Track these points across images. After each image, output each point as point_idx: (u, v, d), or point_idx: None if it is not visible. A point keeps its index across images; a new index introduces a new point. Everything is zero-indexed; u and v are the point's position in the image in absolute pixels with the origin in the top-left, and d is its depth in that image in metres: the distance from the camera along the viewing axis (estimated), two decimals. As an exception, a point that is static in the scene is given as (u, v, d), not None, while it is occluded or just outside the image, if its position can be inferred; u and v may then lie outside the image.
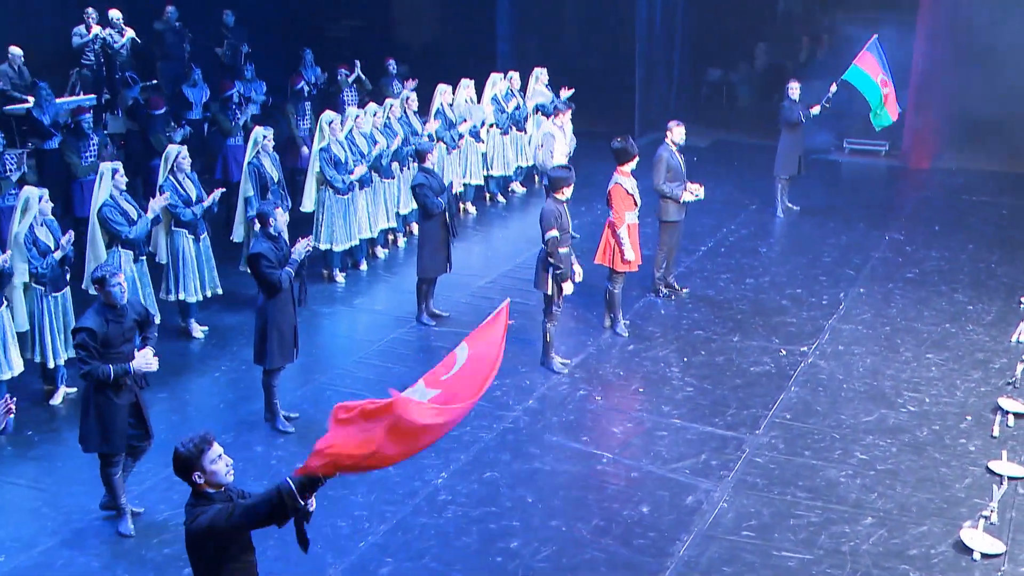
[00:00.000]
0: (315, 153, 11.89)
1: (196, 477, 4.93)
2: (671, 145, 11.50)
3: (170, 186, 10.39)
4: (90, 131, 12.23)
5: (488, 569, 7.12)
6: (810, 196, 15.57)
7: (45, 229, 9.25)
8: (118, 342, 7.30)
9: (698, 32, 20.27)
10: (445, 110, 14.01)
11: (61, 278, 9.30)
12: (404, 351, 10.62)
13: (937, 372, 10.02)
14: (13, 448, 8.85)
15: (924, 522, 7.63)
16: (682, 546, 7.36)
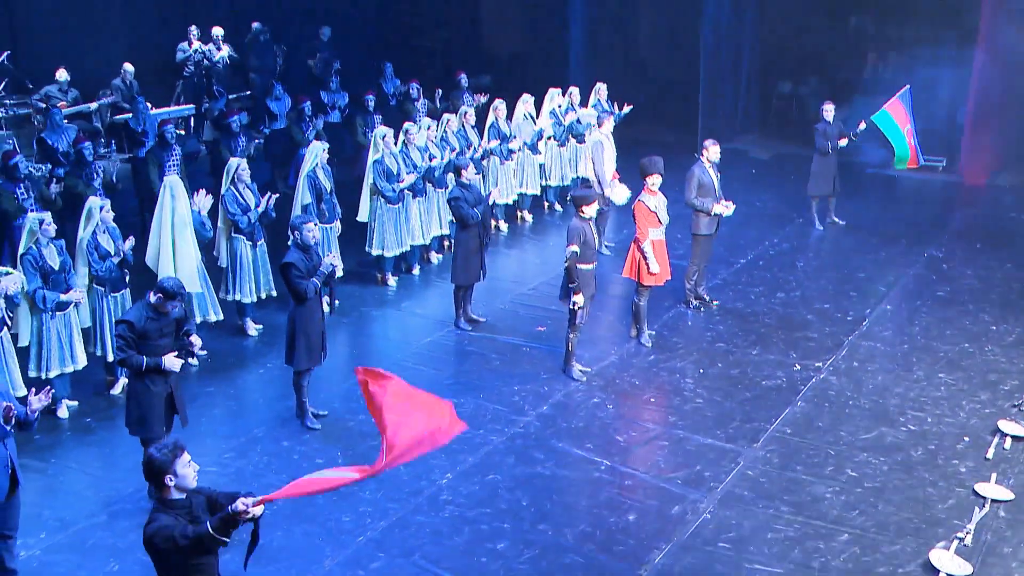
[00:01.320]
0: (369, 165, 12.23)
1: (168, 480, 5.27)
2: (705, 163, 11.54)
3: (230, 196, 10.84)
4: (172, 141, 12.76)
5: (472, 568, 7.34)
6: (859, 211, 15.38)
7: (107, 236, 9.76)
8: (156, 336, 7.75)
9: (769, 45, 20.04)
10: (499, 124, 14.22)
11: (120, 280, 9.80)
12: (437, 354, 10.90)
13: (945, 392, 9.90)
14: (72, 433, 9.37)
15: (898, 541, 7.61)
16: (659, 555, 7.48)
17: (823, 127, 14.31)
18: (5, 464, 6.76)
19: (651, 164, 10.71)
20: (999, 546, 7.56)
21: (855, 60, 20.00)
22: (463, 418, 9.12)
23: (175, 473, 5.28)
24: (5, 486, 6.79)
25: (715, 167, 11.61)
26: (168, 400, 7.89)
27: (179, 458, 5.27)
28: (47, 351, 9.23)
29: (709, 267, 12.46)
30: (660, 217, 10.63)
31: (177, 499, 5.31)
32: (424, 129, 12.99)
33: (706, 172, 11.47)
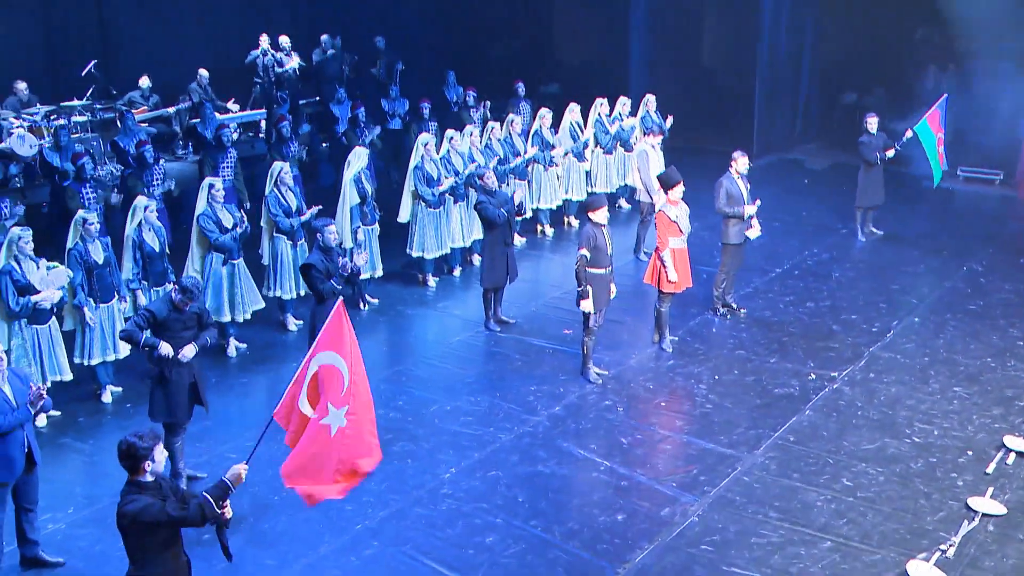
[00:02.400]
0: (410, 170, 12.45)
1: (146, 465, 5.51)
2: (733, 174, 11.48)
3: (273, 198, 11.16)
4: (228, 144, 13.16)
5: (458, 560, 7.46)
6: (908, 223, 15.11)
7: (152, 234, 10.14)
8: (178, 328, 8.10)
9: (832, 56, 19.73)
10: (543, 132, 14.30)
11: (163, 275, 10.16)
12: (464, 353, 11.05)
13: (958, 405, 9.69)
14: (112, 417, 9.78)
15: (880, 551, 7.51)
16: (640, 554, 7.51)
17: (867, 139, 14.10)
18: (22, 444, 7.09)
19: (672, 176, 10.72)
20: (982, 560, 7.40)
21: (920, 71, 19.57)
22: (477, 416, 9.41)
23: (152, 459, 5.52)
24: (22, 464, 7.13)
25: (744, 178, 11.51)
26: (191, 388, 8.18)
27: (157, 447, 5.52)
28: (90, 340, 9.62)
29: (742, 275, 12.42)
30: (681, 226, 10.62)
31: (149, 482, 5.54)
32: (467, 136, 13.15)
33: (734, 183, 11.41)
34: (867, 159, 14.03)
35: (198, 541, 7.71)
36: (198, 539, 7.73)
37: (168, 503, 5.45)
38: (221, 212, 10.56)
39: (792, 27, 18.98)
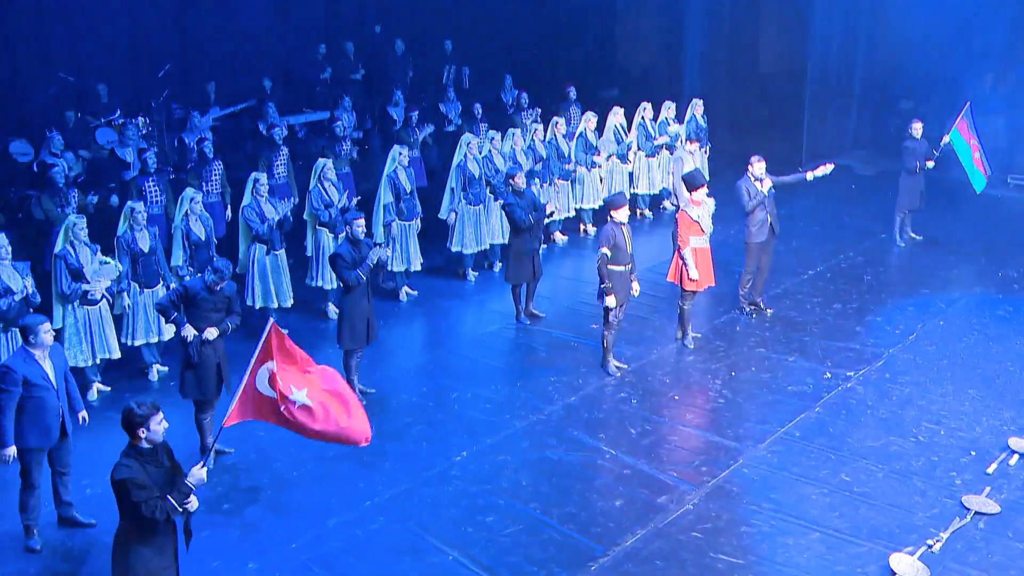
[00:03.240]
0: (452, 169, 12.70)
1: (140, 432, 5.85)
2: (751, 177, 11.48)
3: (316, 192, 11.52)
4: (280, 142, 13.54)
5: (457, 537, 7.67)
6: (948, 228, 14.87)
7: (199, 224, 10.55)
8: (209, 308, 8.47)
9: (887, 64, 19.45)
10: (587, 135, 14.44)
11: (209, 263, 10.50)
12: (492, 344, 11.27)
13: (969, 407, 9.59)
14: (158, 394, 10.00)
15: (867, 544, 7.52)
16: (632, 539, 7.63)
17: (911, 144, 13.95)
18: (57, 415, 7.50)
19: (696, 178, 10.79)
20: (967, 556, 7.37)
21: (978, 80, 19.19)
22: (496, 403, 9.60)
23: (148, 428, 5.86)
24: (57, 433, 7.54)
25: (759, 180, 11.48)
26: (218, 368, 8.53)
27: (154, 416, 5.85)
28: (134, 322, 10.06)
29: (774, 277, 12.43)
30: (703, 226, 10.67)
31: (145, 448, 5.87)
32: (510, 137, 13.36)
33: (752, 185, 11.41)
34: (908, 166, 13.89)
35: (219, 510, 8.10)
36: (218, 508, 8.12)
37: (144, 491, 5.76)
38: (264, 205, 10.93)
39: (844, 35, 18.77)
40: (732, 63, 19.39)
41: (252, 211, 10.85)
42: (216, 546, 7.53)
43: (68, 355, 9.61)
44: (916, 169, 13.79)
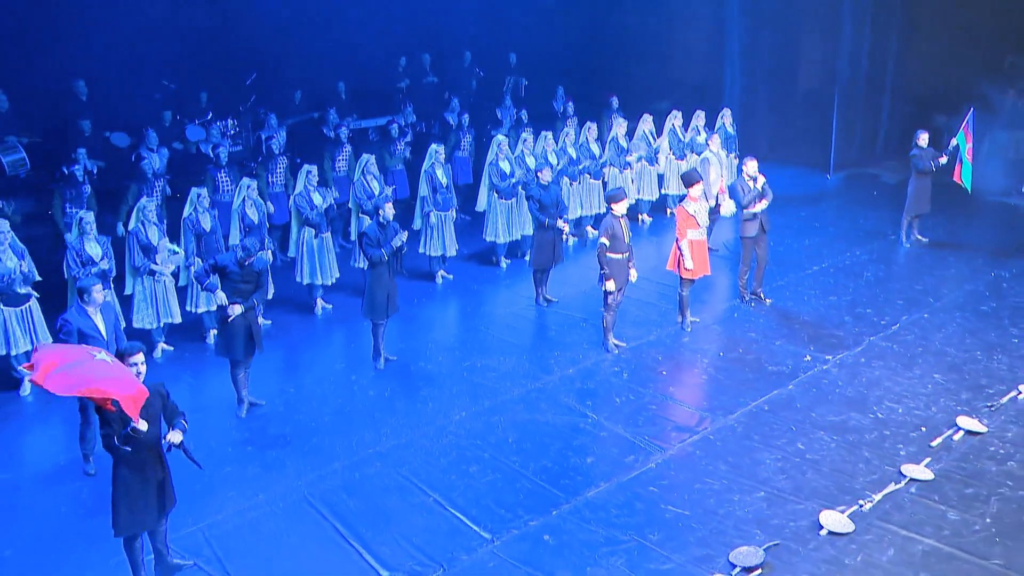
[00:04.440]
0: (487, 166, 13.16)
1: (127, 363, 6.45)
2: (745, 176, 11.65)
3: (360, 184, 12.11)
4: (344, 140, 14.19)
5: (441, 482, 8.11)
6: (957, 232, 14.75)
7: (254, 208, 11.22)
8: (237, 280, 9.04)
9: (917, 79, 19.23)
10: (619, 139, 14.75)
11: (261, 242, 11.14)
12: (509, 322, 11.68)
13: (931, 390, 9.66)
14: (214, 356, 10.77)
15: (805, 502, 7.74)
16: (594, 490, 7.98)
17: (918, 152, 13.92)
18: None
19: (694, 176, 11.05)
20: (893, 514, 7.55)
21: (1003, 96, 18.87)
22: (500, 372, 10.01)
23: (127, 362, 6.44)
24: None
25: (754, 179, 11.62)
26: (247, 332, 9.13)
27: (133, 355, 6.43)
28: (196, 292, 10.76)
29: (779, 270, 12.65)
30: (699, 220, 10.92)
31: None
32: (542, 140, 13.75)
33: (746, 183, 11.57)
34: (920, 169, 13.85)
35: (243, 451, 8.69)
36: (243, 449, 8.71)
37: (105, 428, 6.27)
38: (313, 194, 11.54)
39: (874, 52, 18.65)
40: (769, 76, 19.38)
41: (303, 199, 11.47)
42: (234, 479, 8.15)
43: (136, 318, 10.46)
44: (931, 169, 13.72)
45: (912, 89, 19.24)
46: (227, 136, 15.22)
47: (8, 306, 9.74)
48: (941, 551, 7.09)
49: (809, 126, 18.78)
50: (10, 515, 7.80)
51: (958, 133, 13.48)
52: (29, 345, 9.78)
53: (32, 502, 8.00)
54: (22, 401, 9.82)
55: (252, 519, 7.61)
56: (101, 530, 7.00)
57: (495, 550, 7.19)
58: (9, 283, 9.65)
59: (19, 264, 9.74)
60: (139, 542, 6.72)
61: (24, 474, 8.52)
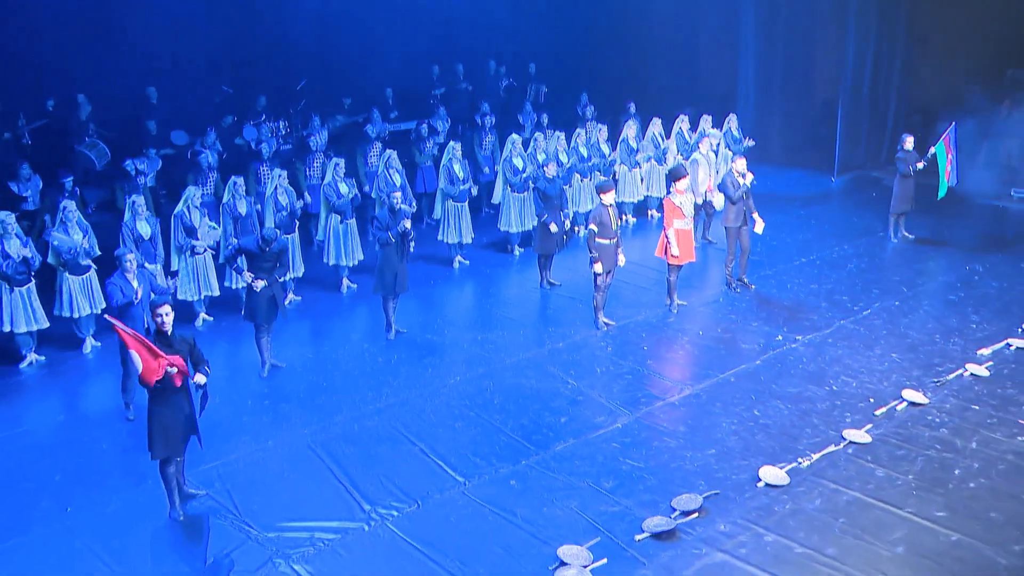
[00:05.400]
0: (502, 162, 13.67)
1: (155, 317, 7.09)
2: (734, 172, 11.97)
3: (383, 177, 12.72)
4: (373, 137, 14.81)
5: (428, 434, 8.65)
6: (944, 231, 14.83)
7: (285, 195, 11.87)
8: (259, 260, 9.65)
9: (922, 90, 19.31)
10: (629, 141, 15.15)
11: (291, 226, 11.84)
12: (514, 302, 12.21)
13: (887, 367, 9.92)
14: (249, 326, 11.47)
15: (749, 460, 8.11)
16: (562, 445, 8.44)
17: (903, 154, 14.11)
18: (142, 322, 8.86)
19: (680, 171, 11.44)
20: (827, 471, 7.89)
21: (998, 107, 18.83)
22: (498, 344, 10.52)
23: (155, 316, 7.10)
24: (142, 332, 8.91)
25: (742, 175, 11.94)
26: (270, 301, 9.76)
27: (160, 307, 7.09)
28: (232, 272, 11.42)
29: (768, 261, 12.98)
30: (685, 211, 11.30)
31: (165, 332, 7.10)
32: (554, 140, 14.22)
33: (735, 180, 11.91)
34: (902, 171, 14.06)
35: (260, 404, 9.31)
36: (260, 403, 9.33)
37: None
38: (340, 184, 12.17)
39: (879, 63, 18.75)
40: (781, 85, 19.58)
41: (331, 188, 12.11)
42: (249, 427, 8.79)
43: (180, 291, 11.16)
44: (911, 172, 13.93)
45: (916, 98, 19.36)
46: (278, 136, 15.97)
47: (73, 275, 10.51)
48: (863, 501, 7.43)
49: (817, 132, 18.97)
50: (61, 449, 8.55)
51: (937, 144, 13.64)
52: (89, 309, 10.57)
53: (80, 440, 8.73)
54: (83, 358, 10.60)
55: (260, 460, 8.23)
56: (135, 464, 7.75)
57: (466, 491, 7.70)
58: (74, 256, 10.43)
59: (83, 239, 10.53)
60: (172, 467, 7.37)
61: (76, 417, 9.30)
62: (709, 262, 13.49)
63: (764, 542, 6.97)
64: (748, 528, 7.14)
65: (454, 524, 7.25)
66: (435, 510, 7.44)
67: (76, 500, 7.66)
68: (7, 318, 10.11)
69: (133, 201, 10.88)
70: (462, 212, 13.27)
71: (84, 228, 10.69)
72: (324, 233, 12.29)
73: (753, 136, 16.54)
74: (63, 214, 10.56)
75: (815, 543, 6.93)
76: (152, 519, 7.39)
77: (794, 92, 19.39)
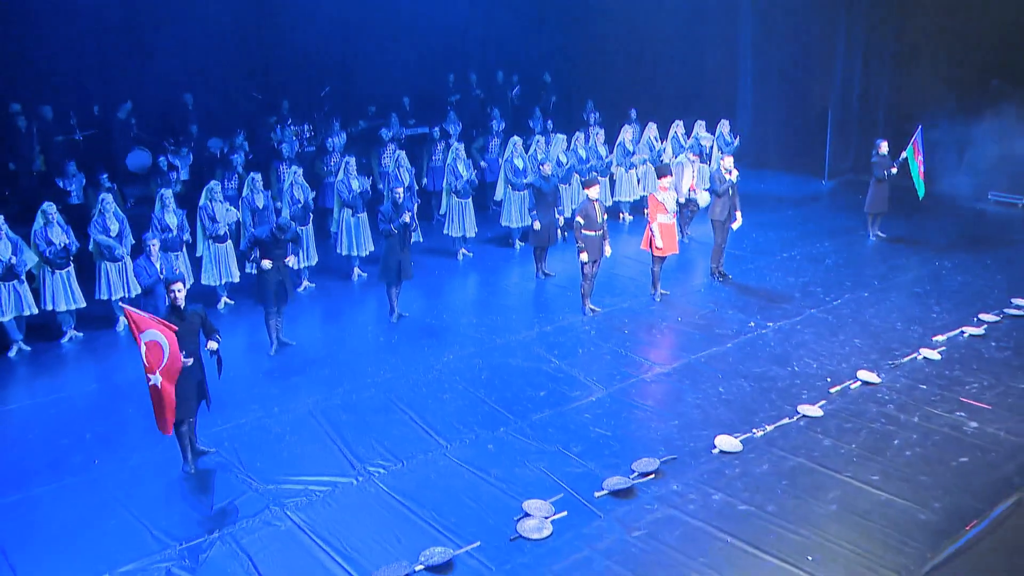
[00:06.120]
0: (503, 163, 14.15)
1: (169, 293, 7.63)
2: (722, 169, 12.35)
3: (392, 175, 13.25)
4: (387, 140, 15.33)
5: (418, 405, 9.11)
6: (919, 230, 15.12)
7: (300, 190, 12.42)
8: (273, 247, 10.16)
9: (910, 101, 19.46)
10: (625, 144, 15.57)
11: (305, 218, 12.38)
12: (512, 291, 12.65)
13: (847, 351, 10.26)
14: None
15: (710, 429, 8.51)
16: (539, 415, 8.88)
17: (877, 159, 14.42)
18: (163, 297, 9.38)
19: (664, 169, 11.89)
20: (778, 440, 8.28)
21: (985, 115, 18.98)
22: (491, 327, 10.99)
23: (169, 292, 7.63)
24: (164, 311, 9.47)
25: (729, 172, 12.33)
26: (280, 285, 10.30)
27: (174, 283, 7.63)
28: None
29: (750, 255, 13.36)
30: (667, 207, 11.70)
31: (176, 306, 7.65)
32: (555, 143, 14.68)
33: (722, 175, 12.28)
34: (877, 175, 14.37)
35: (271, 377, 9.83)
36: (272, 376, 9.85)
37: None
38: (352, 180, 12.71)
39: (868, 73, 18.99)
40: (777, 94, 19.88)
41: (343, 184, 12.66)
42: (258, 396, 9.32)
43: (204, 276, 11.76)
44: (884, 177, 14.24)
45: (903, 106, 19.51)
46: (302, 138, 16.57)
47: (109, 262, 11.13)
48: (806, 466, 7.82)
49: (810, 138, 19.29)
50: (93, 413, 9.15)
51: (907, 148, 13.95)
52: (123, 292, 11.16)
53: (109, 405, 9.31)
54: (116, 335, 11.19)
55: (265, 425, 8.76)
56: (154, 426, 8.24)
57: (447, 453, 8.18)
58: (111, 245, 11.04)
59: (118, 228, 11.15)
60: (185, 427, 7.91)
61: (107, 386, 9.86)
62: (694, 256, 13.86)
63: (711, 500, 7.38)
64: (699, 488, 7.55)
65: (434, 481, 7.73)
66: (418, 469, 7.92)
67: (103, 455, 8.24)
68: (49, 297, 10.75)
69: (162, 194, 11.48)
70: (466, 208, 13.76)
71: (120, 218, 11.30)
72: (337, 226, 12.83)
73: (751, 143, 16.95)
74: (101, 205, 11.18)
75: (757, 502, 7.34)
76: (167, 472, 7.95)
77: (789, 102, 19.69)
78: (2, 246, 10.29)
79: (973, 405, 8.84)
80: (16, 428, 8.87)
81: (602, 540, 6.87)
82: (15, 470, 8.00)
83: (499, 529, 7.01)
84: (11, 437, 8.67)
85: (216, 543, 6.92)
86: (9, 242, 10.37)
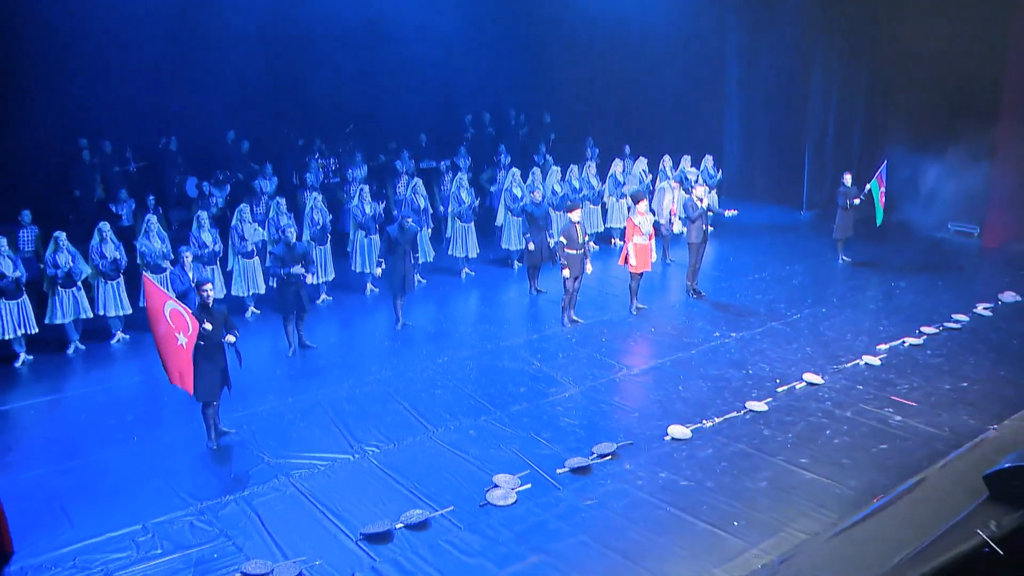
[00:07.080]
0: (503, 191, 14.96)
1: (200, 293, 8.46)
2: (694, 198, 13.04)
3: (409, 200, 14.10)
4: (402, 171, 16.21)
5: (412, 397, 9.84)
6: (883, 256, 15.61)
7: (319, 214, 13.27)
8: (289, 260, 10.97)
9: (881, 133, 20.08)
10: (616, 175, 16.33)
11: (322, 237, 13.21)
12: (507, 304, 13.37)
13: (799, 357, 10.87)
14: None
15: (661, 421, 9.16)
16: (517, 407, 9.59)
17: (843, 189, 15.06)
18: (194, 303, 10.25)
19: (640, 195, 12.61)
20: (724, 430, 8.92)
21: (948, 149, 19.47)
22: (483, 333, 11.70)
23: (199, 291, 8.46)
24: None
25: (700, 200, 13.03)
26: (295, 296, 11.10)
27: (204, 285, 8.46)
28: (274, 271, 12.86)
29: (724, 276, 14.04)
30: (643, 230, 12.40)
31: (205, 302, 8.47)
32: (551, 173, 15.47)
33: (694, 203, 12.97)
34: (841, 204, 15.00)
35: (288, 374, 10.61)
36: (288, 373, 10.63)
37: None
38: (366, 205, 13.57)
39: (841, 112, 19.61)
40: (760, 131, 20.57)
41: (358, 208, 13.52)
42: (275, 388, 10.12)
43: (234, 288, 12.61)
44: (847, 206, 14.87)
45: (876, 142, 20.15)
46: (328, 170, 17.51)
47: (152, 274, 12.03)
48: (745, 451, 8.46)
49: (790, 171, 19.90)
50: (134, 400, 10.02)
51: (871, 181, 14.58)
52: None
53: (148, 394, 10.17)
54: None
55: (279, 412, 9.54)
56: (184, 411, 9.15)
57: (433, 437, 8.91)
58: (155, 259, 11.95)
59: (163, 246, 12.06)
60: (210, 409, 8.72)
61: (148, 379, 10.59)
62: (671, 277, 14.54)
63: (658, 477, 8.04)
64: (648, 468, 8.22)
65: (419, 459, 8.46)
66: (407, 449, 8.65)
67: (140, 433, 9.09)
68: (102, 304, 11.66)
69: (199, 215, 12.40)
70: (468, 231, 14.56)
71: (163, 237, 12.21)
72: (352, 246, 13.67)
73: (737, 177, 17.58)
74: (146, 225, 12.12)
75: (698, 479, 7.99)
76: (194, 447, 8.76)
77: (772, 136, 20.35)
78: (64, 257, 11.25)
79: (901, 402, 9.43)
80: (72, 411, 9.78)
81: (558, 507, 7.55)
82: (72, 443, 8.94)
83: (470, 497, 7.71)
84: (68, 417, 9.60)
85: (231, 503, 7.69)
86: (69, 254, 11.32)
